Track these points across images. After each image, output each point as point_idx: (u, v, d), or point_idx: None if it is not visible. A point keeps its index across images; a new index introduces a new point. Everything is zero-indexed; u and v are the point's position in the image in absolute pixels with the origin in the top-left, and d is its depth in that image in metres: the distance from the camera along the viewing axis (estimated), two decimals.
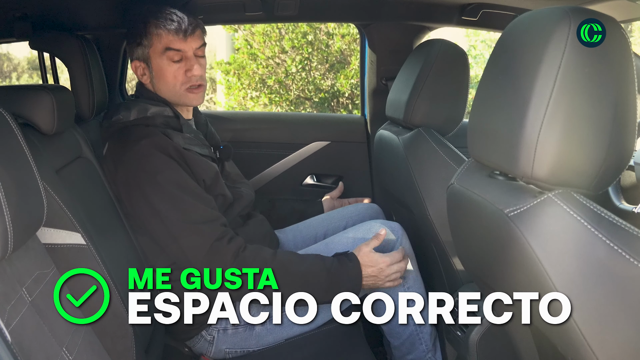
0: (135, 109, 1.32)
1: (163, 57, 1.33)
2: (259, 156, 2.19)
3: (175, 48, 1.33)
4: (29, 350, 0.75)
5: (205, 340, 1.34)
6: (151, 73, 1.35)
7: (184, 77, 1.34)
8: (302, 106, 5.08)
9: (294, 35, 4.79)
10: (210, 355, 1.35)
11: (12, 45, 7.90)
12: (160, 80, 1.35)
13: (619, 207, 1.29)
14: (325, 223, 1.61)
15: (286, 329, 1.36)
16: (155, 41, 1.32)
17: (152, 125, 1.30)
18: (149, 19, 1.32)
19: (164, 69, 1.34)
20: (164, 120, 1.32)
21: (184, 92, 1.35)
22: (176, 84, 1.34)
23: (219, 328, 1.34)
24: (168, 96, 1.37)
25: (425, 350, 1.42)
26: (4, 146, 0.79)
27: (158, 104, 1.34)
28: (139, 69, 1.36)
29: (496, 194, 0.81)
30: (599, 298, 0.66)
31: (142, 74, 1.37)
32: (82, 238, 1.01)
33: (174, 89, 1.35)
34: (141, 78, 1.37)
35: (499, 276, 0.86)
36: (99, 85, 1.71)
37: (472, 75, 1.58)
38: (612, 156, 0.72)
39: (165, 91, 1.36)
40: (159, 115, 1.32)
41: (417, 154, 1.40)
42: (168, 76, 1.34)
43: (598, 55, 0.70)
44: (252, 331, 1.34)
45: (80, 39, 1.63)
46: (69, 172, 1.20)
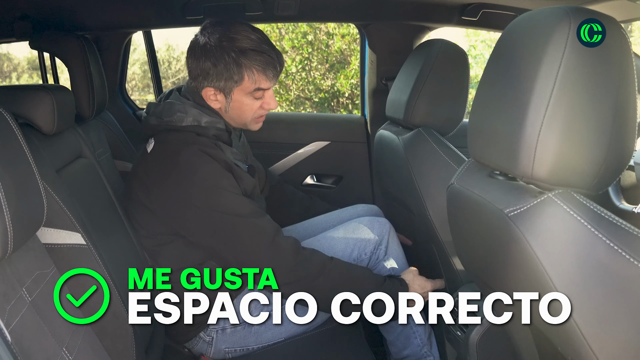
0: (191, 114, 1.28)
1: (249, 96, 1.29)
2: (259, 156, 2.19)
3: (264, 88, 1.30)
4: (29, 350, 0.75)
5: (204, 342, 1.35)
6: (227, 104, 1.30)
7: (260, 109, 1.33)
8: (302, 106, 5.08)
9: (294, 35, 4.79)
10: (210, 355, 1.35)
11: (12, 45, 7.89)
12: (235, 111, 1.31)
13: (619, 207, 1.29)
14: (324, 224, 1.62)
15: (285, 327, 1.36)
16: (248, 81, 1.27)
17: (203, 135, 1.27)
18: (246, 59, 1.25)
19: (245, 104, 1.30)
20: (216, 132, 1.29)
21: (253, 120, 1.34)
22: (250, 115, 1.32)
23: (217, 328, 1.34)
24: (234, 121, 1.34)
25: (420, 345, 1.43)
26: (4, 146, 0.79)
27: (212, 114, 1.30)
28: (210, 95, 1.30)
29: (496, 194, 0.81)
30: (599, 298, 0.66)
31: (213, 99, 1.30)
32: (82, 238, 1.01)
33: (245, 120, 1.33)
34: (211, 103, 1.30)
35: (499, 276, 0.86)
36: (99, 85, 1.71)
37: (472, 75, 1.58)
38: (612, 156, 0.72)
39: (234, 118, 1.33)
40: (212, 127, 1.29)
41: (417, 154, 1.40)
42: (246, 110, 1.31)
43: (598, 55, 0.70)
44: (250, 329, 1.35)
45: (80, 39, 1.63)
46: (69, 172, 1.20)
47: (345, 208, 1.67)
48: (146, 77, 8.27)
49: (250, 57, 1.25)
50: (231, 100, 1.30)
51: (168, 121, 1.28)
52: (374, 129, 2.12)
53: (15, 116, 0.87)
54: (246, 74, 1.26)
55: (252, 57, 1.25)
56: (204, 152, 1.22)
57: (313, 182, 2.21)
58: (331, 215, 1.64)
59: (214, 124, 1.29)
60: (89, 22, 1.81)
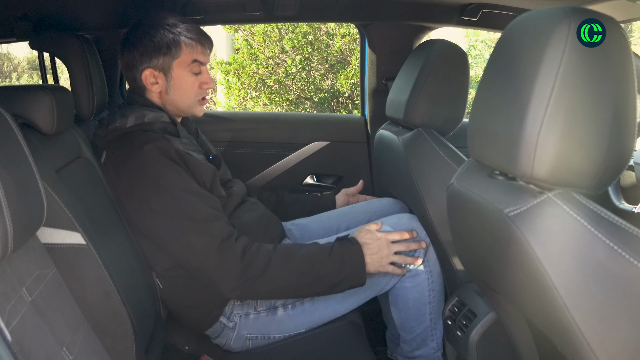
0: (132, 115, 1.31)
1: (187, 68, 1.33)
2: (259, 156, 2.19)
3: (201, 61, 1.34)
4: (29, 350, 0.75)
5: (227, 328, 1.35)
6: (168, 83, 1.33)
7: (199, 89, 1.37)
8: (302, 106, 5.08)
9: (294, 35, 4.79)
10: (231, 342, 1.36)
11: (12, 45, 7.90)
12: (177, 91, 1.35)
13: (619, 207, 1.29)
14: (348, 217, 1.61)
15: (307, 315, 1.36)
16: (186, 53, 1.32)
17: (150, 130, 1.29)
18: (178, 30, 1.31)
19: (185, 81, 1.34)
20: (162, 126, 1.32)
21: (196, 102, 1.38)
22: (192, 95, 1.36)
23: (241, 313, 1.35)
24: (177, 106, 1.37)
25: (435, 348, 1.42)
26: (4, 146, 0.79)
27: (154, 110, 1.33)
28: (150, 78, 1.34)
29: (496, 194, 0.81)
30: (599, 298, 0.66)
31: (153, 82, 1.34)
32: (82, 238, 1.01)
33: (188, 100, 1.36)
34: (150, 87, 1.35)
35: (499, 276, 0.86)
36: (99, 85, 1.71)
37: (472, 75, 1.58)
38: (612, 156, 0.72)
39: (178, 102, 1.36)
40: (157, 121, 1.31)
41: (417, 154, 1.40)
42: (187, 87, 1.35)
43: (598, 55, 0.70)
44: (274, 316, 1.35)
45: (80, 39, 1.63)
46: (69, 172, 1.20)
47: (370, 200, 1.67)
48: None
49: (184, 29, 1.32)
50: (171, 79, 1.33)
51: (113, 128, 1.31)
52: (374, 129, 2.12)
53: (15, 116, 0.87)
54: (183, 43, 1.31)
55: (185, 28, 1.32)
56: (153, 150, 1.22)
57: (313, 182, 2.21)
58: (356, 207, 1.64)
59: (158, 118, 1.32)
60: (89, 22, 1.81)
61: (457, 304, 1.31)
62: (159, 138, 1.26)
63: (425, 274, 1.38)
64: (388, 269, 1.33)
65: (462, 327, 1.25)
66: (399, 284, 1.40)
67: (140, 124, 1.30)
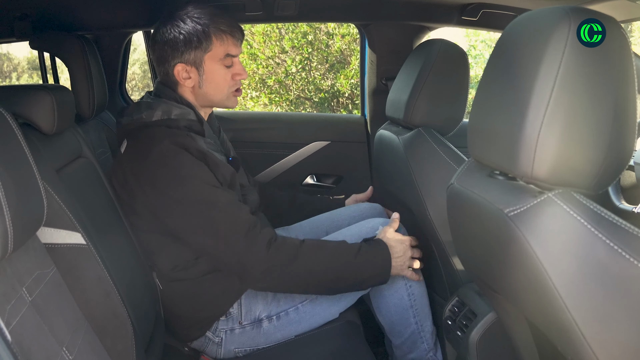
0: (159, 109, 1.29)
1: (219, 62, 1.31)
2: (259, 156, 2.19)
3: (233, 54, 1.32)
4: (29, 350, 0.75)
5: (213, 343, 1.34)
6: (200, 77, 1.31)
7: (232, 81, 1.35)
8: (302, 106, 5.08)
9: (294, 35, 4.79)
10: (220, 357, 1.35)
11: (12, 45, 7.90)
12: (210, 84, 1.32)
13: (619, 207, 1.29)
14: (328, 222, 1.62)
15: (294, 325, 1.36)
16: (217, 45, 1.29)
17: (174, 127, 1.28)
18: (207, 22, 1.28)
19: (218, 74, 1.32)
20: (187, 124, 1.30)
21: (230, 94, 1.36)
22: (225, 87, 1.34)
23: (226, 329, 1.34)
24: (211, 100, 1.35)
25: (426, 349, 1.42)
26: (4, 146, 0.79)
27: (181, 106, 1.31)
28: (182, 73, 1.31)
29: (496, 193, 0.81)
30: (599, 298, 0.66)
31: (185, 77, 1.31)
32: (82, 238, 1.01)
33: (221, 93, 1.34)
34: (183, 82, 1.32)
35: (499, 276, 0.86)
36: (99, 85, 1.71)
37: (472, 75, 1.58)
38: (612, 156, 0.72)
39: (211, 95, 1.34)
40: (183, 118, 1.29)
41: (417, 154, 1.40)
42: (219, 80, 1.32)
43: (598, 55, 0.70)
44: (259, 329, 1.34)
45: (80, 39, 1.63)
46: (69, 172, 1.20)
47: (348, 206, 1.67)
48: (146, 77, 8.28)
49: (215, 21, 1.29)
50: (204, 72, 1.31)
51: (138, 118, 1.29)
52: (374, 129, 2.12)
53: (15, 116, 0.87)
54: (214, 37, 1.29)
55: (216, 20, 1.29)
56: (175, 144, 1.22)
57: (313, 182, 2.21)
58: (336, 213, 1.64)
59: (185, 116, 1.30)
60: (89, 22, 1.81)
61: (457, 304, 1.31)
62: (184, 135, 1.25)
63: (402, 279, 1.39)
64: (407, 273, 1.35)
65: (462, 327, 1.25)
66: (378, 293, 1.42)
67: (166, 119, 1.28)
